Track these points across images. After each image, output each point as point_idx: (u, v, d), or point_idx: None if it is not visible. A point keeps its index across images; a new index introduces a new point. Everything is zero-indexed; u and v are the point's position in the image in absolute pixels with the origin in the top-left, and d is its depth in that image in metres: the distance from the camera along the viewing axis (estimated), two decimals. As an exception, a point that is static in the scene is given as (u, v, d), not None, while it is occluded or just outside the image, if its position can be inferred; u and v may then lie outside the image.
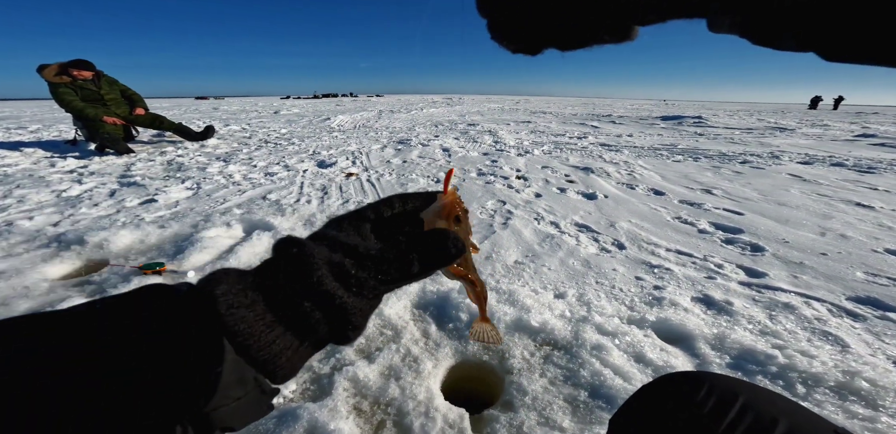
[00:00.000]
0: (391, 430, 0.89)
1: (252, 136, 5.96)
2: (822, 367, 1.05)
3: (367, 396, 0.97)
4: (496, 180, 3.18)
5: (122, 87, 4.77)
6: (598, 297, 1.44)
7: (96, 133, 4.30)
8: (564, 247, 1.89)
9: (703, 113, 11.73)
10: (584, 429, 0.88)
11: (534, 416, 0.92)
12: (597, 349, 1.11)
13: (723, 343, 1.17)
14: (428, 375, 1.03)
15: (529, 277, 1.59)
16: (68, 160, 3.95)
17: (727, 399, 0.41)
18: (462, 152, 4.49)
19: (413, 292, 1.39)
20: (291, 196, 2.75)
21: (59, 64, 4.28)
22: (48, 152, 4.43)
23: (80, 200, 2.63)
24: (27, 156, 4.24)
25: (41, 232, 1.99)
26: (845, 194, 2.84)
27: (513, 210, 2.42)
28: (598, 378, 1.01)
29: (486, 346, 0.35)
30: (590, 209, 2.48)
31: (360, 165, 3.80)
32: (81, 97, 4.34)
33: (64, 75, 4.26)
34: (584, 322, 1.24)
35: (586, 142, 5.53)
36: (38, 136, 5.88)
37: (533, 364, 1.08)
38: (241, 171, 3.51)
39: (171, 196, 2.73)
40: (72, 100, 4.25)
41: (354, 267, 0.25)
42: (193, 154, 4.39)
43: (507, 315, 1.25)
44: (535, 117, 10.18)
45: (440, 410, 0.92)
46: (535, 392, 0.98)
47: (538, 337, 1.18)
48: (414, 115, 10.75)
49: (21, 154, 4.28)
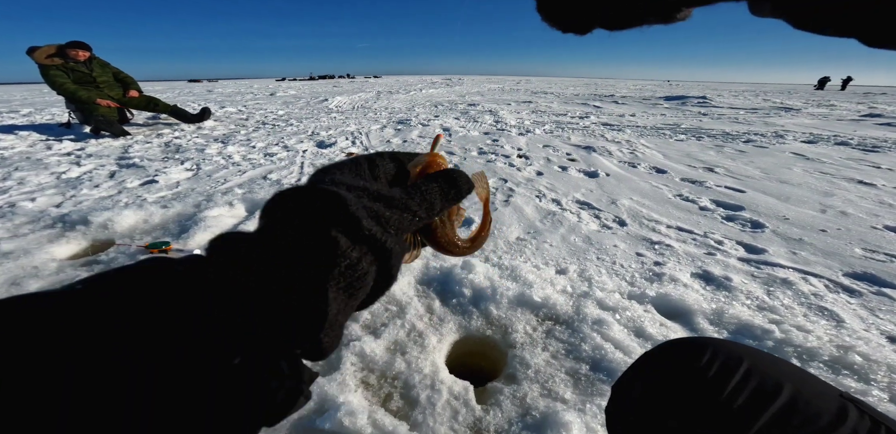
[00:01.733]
0: (398, 403, 0.92)
1: (249, 118, 5.87)
2: (817, 342, 1.08)
3: (374, 370, 1.00)
4: (497, 159, 3.16)
5: (114, 70, 4.66)
6: (600, 273, 1.46)
7: (90, 116, 4.23)
8: (566, 223, 1.90)
9: (707, 93, 11.53)
10: (586, 400, 0.91)
11: (536, 388, 0.95)
12: (598, 324, 1.13)
13: (721, 318, 1.20)
14: (433, 350, 1.06)
15: (531, 253, 1.61)
16: (64, 143, 3.91)
17: (731, 364, 0.40)
18: (463, 132, 4.44)
19: (417, 269, 1.41)
20: (292, 176, 2.75)
21: (56, 45, 4.18)
22: (43, 135, 4.37)
23: (81, 182, 2.63)
24: (22, 139, 4.19)
25: (45, 213, 1.99)
26: (848, 172, 2.83)
27: (514, 188, 2.43)
28: (599, 352, 1.04)
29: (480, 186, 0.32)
30: (591, 187, 2.48)
31: (360, 145, 3.77)
32: (73, 79, 4.25)
33: (55, 57, 4.15)
34: (585, 297, 1.26)
35: (588, 121, 5.46)
36: (30, 119, 5.79)
37: (535, 338, 1.11)
38: (240, 152, 3.48)
39: (172, 177, 2.72)
40: (64, 82, 4.17)
41: (386, 208, 0.24)
42: (191, 136, 4.34)
43: (509, 290, 1.27)
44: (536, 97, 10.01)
45: (445, 383, 0.95)
46: (537, 365, 1.01)
47: (540, 312, 1.20)
48: (413, 96, 10.57)
49: (16, 137, 4.23)
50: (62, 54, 4.17)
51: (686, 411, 0.39)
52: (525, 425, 0.85)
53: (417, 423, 0.86)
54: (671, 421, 0.40)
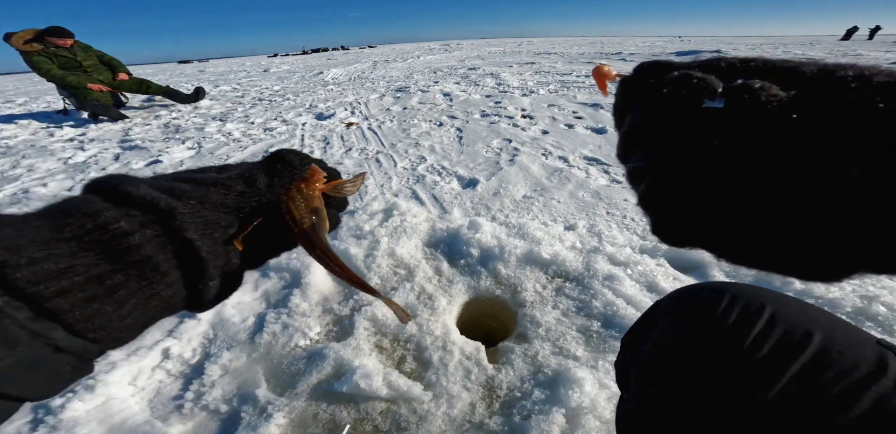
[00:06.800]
0: (412, 364, 0.93)
1: (245, 96, 5.75)
2: (839, 293, 1.04)
3: (387, 334, 1.00)
4: (501, 120, 3.07)
5: (97, 53, 4.53)
6: (609, 228, 1.42)
7: (85, 101, 4.16)
8: (574, 180, 1.85)
9: (721, 47, 10.86)
10: (598, 357, 0.90)
11: (548, 346, 0.94)
12: (609, 279, 1.11)
13: (738, 270, 1.16)
14: (443, 312, 1.05)
15: (538, 211, 1.58)
16: (65, 129, 3.89)
17: (752, 310, 0.35)
18: (464, 96, 4.29)
19: (423, 231, 1.39)
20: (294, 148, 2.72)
21: (33, 30, 4.03)
22: (42, 123, 4.35)
23: (88, 166, 2.65)
24: (23, 128, 4.17)
25: (58, 197, 1.98)
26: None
27: (519, 147, 2.37)
28: (610, 308, 1.02)
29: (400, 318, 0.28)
30: (599, 143, 2.40)
31: (359, 115, 3.68)
32: (59, 65, 4.14)
33: (34, 43, 4.02)
34: (595, 253, 1.23)
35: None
36: (27, 108, 5.74)
37: (545, 296, 1.09)
38: (239, 129, 3.44)
39: (175, 156, 2.74)
40: (49, 68, 4.06)
41: (185, 182, 0.24)
42: (188, 116, 4.28)
43: (517, 248, 1.24)
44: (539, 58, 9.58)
45: (457, 344, 0.95)
46: (548, 324, 1.00)
47: (549, 269, 1.18)
48: (410, 64, 10.21)
49: (17, 126, 4.22)
50: (41, 40, 4.03)
51: (702, 364, 0.35)
52: (537, 383, 0.85)
53: (431, 383, 0.86)
54: (685, 375, 0.35)
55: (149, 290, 0.21)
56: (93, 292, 0.19)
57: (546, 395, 0.82)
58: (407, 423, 0.80)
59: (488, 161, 2.16)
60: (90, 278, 0.19)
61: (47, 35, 4.05)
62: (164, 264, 0.22)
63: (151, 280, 0.21)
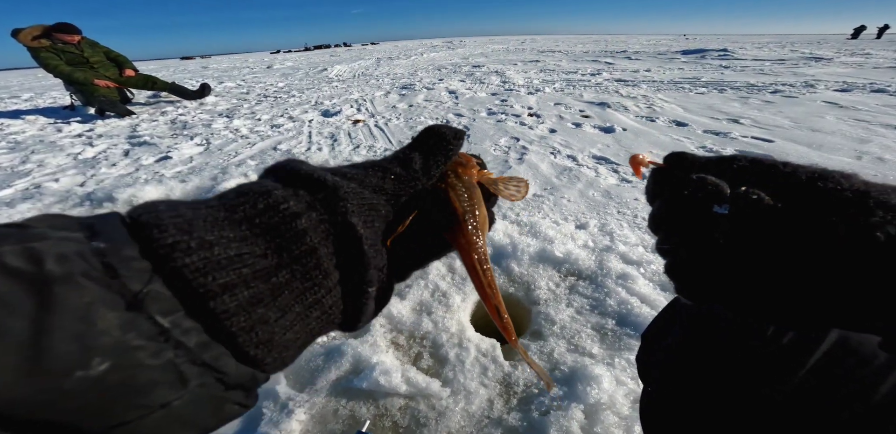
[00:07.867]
0: (428, 361, 0.93)
1: (250, 92, 5.75)
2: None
3: (403, 331, 1.01)
4: (507, 118, 3.07)
5: (104, 49, 4.53)
6: (621, 227, 1.42)
7: (91, 97, 4.17)
8: (583, 179, 1.86)
9: (727, 46, 10.79)
10: (614, 355, 0.91)
11: (563, 343, 0.95)
12: (622, 278, 1.11)
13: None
14: (458, 309, 1.06)
15: (549, 209, 1.59)
16: (73, 125, 3.90)
17: None
18: (469, 94, 4.28)
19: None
20: (301, 145, 2.74)
21: (42, 27, 4.04)
22: (50, 118, 4.36)
23: (98, 161, 2.66)
24: (31, 123, 4.18)
25: (70, 192, 2.03)
26: (885, 119, 2.66)
27: (527, 146, 2.38)
28: (625, 306, 1.03)
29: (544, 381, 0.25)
30: (608, 142, 2.40)
31: (365, 112, 3.68)
32: (66, 61, 4.14)
33: (42, 39, 4.02)
34: (607, 251, 1.23)
35: (601, 78, 5.20)
36: (34, 103, 5.75)
37: (559, 294, 1.10)
38: (246, 125, 3.45)
39: (184, 152, 2.75)
40: (57, 64, 4.06)
41: (349, 168, 0.23)
42: (195, 112, 4.28)
43: (530, 246, 1.25)
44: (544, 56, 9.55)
45: (472, 341, 0.96)
46: (562, 321, 1.00)
47: (562, 267, 1.18)
48: (414, 61, 10.19)
49: (24, 122, 4.22)
50: (49, 36, 4.04)
51: (724, 355, 0.35)
52: (555, 379, 0.86)
53: (448, 379, 0.87)
54: (709, 366, 0.36)
55: (311, 295, 0.18)
56: (258, 291, 0.16)
57: (564, 392, 0.82)
58: (426, 419, 0.81)
59: (497, 159, 2.17)
60: (257, 273, 0.16)
61: (55, 31, 4.05)
62: (325, 261, 0.19)
63: (315, 281, 0.18)
